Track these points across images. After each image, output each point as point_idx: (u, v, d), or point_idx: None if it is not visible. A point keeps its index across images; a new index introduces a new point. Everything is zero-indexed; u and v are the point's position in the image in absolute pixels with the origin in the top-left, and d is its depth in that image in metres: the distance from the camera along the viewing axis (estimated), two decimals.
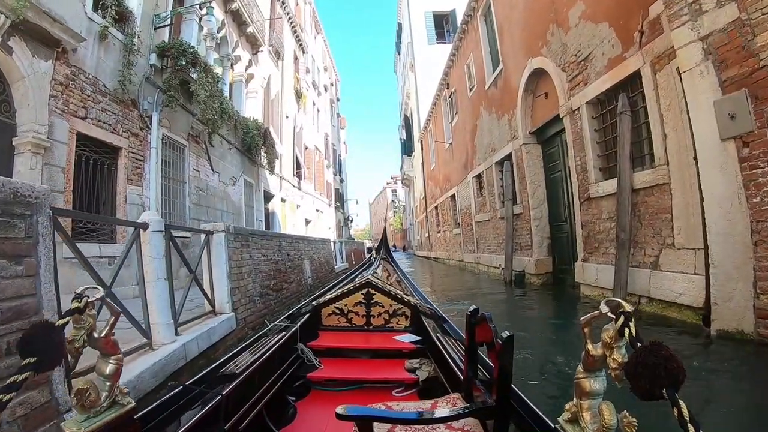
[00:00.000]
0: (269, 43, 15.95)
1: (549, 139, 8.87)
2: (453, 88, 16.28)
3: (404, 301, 3.37)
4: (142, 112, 7.97)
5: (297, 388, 2.60)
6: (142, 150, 8.02)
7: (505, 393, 1.38)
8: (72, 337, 1.09)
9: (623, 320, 0.93)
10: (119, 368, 1.20)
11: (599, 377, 1.05)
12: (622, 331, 0.93)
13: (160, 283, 3.47)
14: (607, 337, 0.97)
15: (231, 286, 4.90)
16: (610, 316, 0.97)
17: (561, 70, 7.46)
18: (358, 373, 2.67)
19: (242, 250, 5.51)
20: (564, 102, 7.39)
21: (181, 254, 4.04)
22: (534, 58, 8.42)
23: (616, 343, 0.95)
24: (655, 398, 0.80)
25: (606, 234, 6.55)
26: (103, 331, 1.18)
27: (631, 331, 0.91)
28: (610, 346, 0.96)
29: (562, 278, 8.83)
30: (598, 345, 1.01)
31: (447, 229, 19.41)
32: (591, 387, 1.05)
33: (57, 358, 1.03)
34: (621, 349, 0.95)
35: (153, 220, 3.51)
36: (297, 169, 21.32)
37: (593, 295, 6.85)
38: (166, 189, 8.87)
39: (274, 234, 8.66)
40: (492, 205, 12.14)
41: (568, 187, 8.25)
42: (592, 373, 1.05)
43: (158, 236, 3.54)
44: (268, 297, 6.46)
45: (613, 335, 0.95)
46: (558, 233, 8.89)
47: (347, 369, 2.74)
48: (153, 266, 3.47)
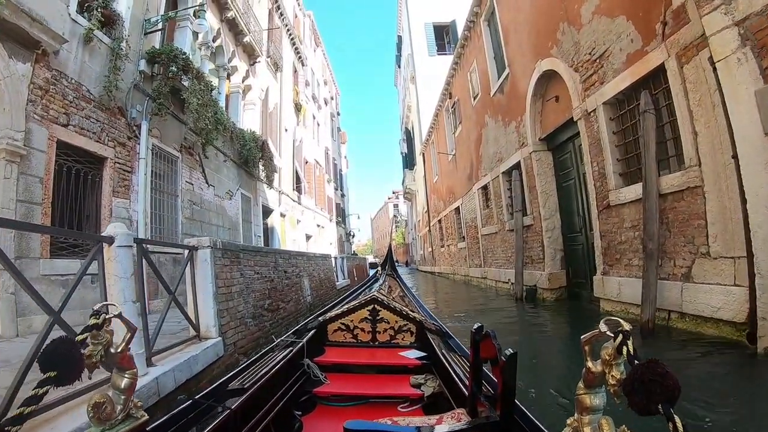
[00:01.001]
0: (267, 54, 15.63)
1: (560, 145, 8.40)
2: (456, 98, 15.90)
3: (409, 318, 3.37)
4: (130, 121, 7.53)
5: (303, 403, 2.59)
6: (129, 161, 7.56)
7: (508, 408, 1.41)
8: (90, 352, 1.14)
9: (621, 338, 0.97)
10: (134, 383, 1.25)
11: (599, 393, 1.08)
12: (620, 349, 0.96)
13: (127, 307, 2.95)
14: (606, 355, 1.00)
15: (218, 308, 4.37)
16: (609, 334, 1.01)
17: (573, 71, 7.01)
18: (363, 388, 2.66)
19: (232, 267, 4.99)
20: (578, 104, 6.93)
21: (156, 273, 3.53)
22: (543, 59, 7.99)
23: (615, 360, 0.98)
24: (652, 413, 0.84)
25: (629, 244, 6.03)
26: (119, 347, 1.23)
27: (629, 349, 0.95)
28: (609, 364, 0.99)
29: (577, 293, 8.28)
30: (597, 362, 1.05)
31: (451, 243, 18.87)
32: (591, 402, 1.08)
33: (76, 372, 1.07)
34: (620, 366, 0.98)
35: (120, 233, 3.01)
36: (297, 183, 20.88)
37: (616, 311, 6.29)
38: (157, 202, 8.38)
39: (269, 250, 8.15)
40: (499, 217, 11.63)
41: (582, 196, 7.75)
42: (592, 390, 1.08)
43: (126, 252, 3.03)
44: (262, 318, 5.92)
45: (612, 353, 0.98)
46: (572, 245, 8.36)
47: (353, 384, 2.74)
48: (119, 287, 2.96)
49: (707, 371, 3.93)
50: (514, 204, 9.86)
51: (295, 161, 20.76)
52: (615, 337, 0.99)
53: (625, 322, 1.00)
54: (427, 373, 2.80)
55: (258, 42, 14.08)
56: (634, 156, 6.00)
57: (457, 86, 15.88)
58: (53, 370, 1.01)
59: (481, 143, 12.95)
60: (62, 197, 6.22)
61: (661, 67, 5.21)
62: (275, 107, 18.02)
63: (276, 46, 17.10)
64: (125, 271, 3.01)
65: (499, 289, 11.99)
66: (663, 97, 5.44)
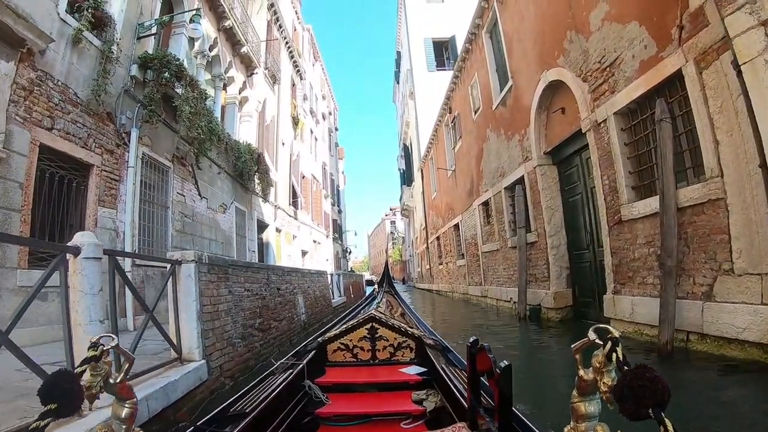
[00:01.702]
0: (265, 65, 15.45)
1: (566, 158, 8.11)
2: (456, 112, 15.71)
3: (408, 334, 3.37)
4: (119, 127, 7.21)
5: (306, 425, 2.59)
6: (118, 169, 7.22)
7: (507, 419, 1.43)
8: (89, 383, 1.15)
9: (611, 346, 0.99)
10: (134, 412, 1.26)
11: (593, 400, 1.08)
12: (610, 356, 0.98)
13: (92, 327, 2.58)
14: (596, 363, 1.02)
15: (202, 328, 3.98)
16: (599, 342, 1.02)
17: (582, 80, 6.76)
18: (366, 407, 2.65)
19: (219, 284, 4.61)
20: (587, 115, 6.66)
21: (131, 288, 3.15)
22: (549, 69, 7.76)
23: (605, 367, 1.00)
24: (642, 418, 0.84)
25: (642, 261, 5.69)
26: (118, 377, 1.23)
27: (618, 356, 0.97)
28: (600, 371, 1.01)
29: (584, 312, 7.91)
30: (589, 370, 1.06)
31: (450, 261, 18.49)
32: (586, 410, 1.09)
33: (76, 404, 1.08)
34: (610, 373, 0.99)
35: (87, 242, 2.65)
36: (293, 198, 20.57)
37: (629, 332, 5.92)
38: (146, 214, 8.02)
39: (261, 266, 7.75)
40: (501, 234, 11.29)
41: (590, 211, 7.43)
42: (585, 397, 1.09)
43: (94, 265, 2.67)
44: (252, 338, 5.51)
45: (602, 360, 1.00)
46: (579, 262, 8.02)
47: (355, 403, 2.72)
48: (84, 304, 2.59)
49: (736, 396, 3.61)
50: (517, 220, 9.53)
51: (292, 176, 20.48)
52: (604, 345, 1.01)
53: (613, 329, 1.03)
54: (429, 389, 2.79)
55: (256, 53, 13.89)
56: (648, 168, 5.70)
57: (457, 100, 15.70)
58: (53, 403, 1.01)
59: (482, 158, 12.68)
60: (44, 204, 5.86)
61: (678, 73, 4.95)
62: (272, 120, 17.80)
63: (274, 58, 16.94)
64: (92, 286, 2.64)
65: (501, 308, 11.60)
66: (678, 105, 5.17)
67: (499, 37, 10.65)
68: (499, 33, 10.62)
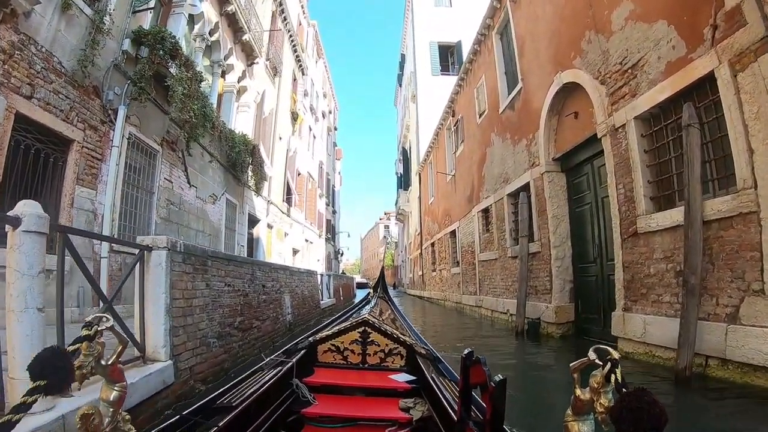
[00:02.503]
0: (267, 56, 15.02)
1: (576, 166, 7.72)
2: (459, 115, 15.33)
3: (400, 341, 3.34)
4: (105, 103, 6.74)
5: (291, 423, 2.58)
6: (101, 147, 6.74)
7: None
8: (80, 363, 1.14)
9: (610, 366, 1.00)
10: (123, 396, 1.26)
11: (587, 420, 1.09)
12: (608, 377, 1.00)
13: (27, 317, 2.12)
14: (594, 383, 1.03)
15: (172, 324, 3.51)
16: (598, 362, 1.03)
17: (599, 83, 6.37)
18: (352, 410, 2.64)
19: (195, 276, 4.15)
20: (603, 119, 6.27)
21: (85, 271, 2.69)
22: (564, 71, 7.37)
23: (603, 388, 1.01)
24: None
25: (659, 278, 5.28)
26: (110, 359, 1.24)
27: (617, 377, 0.99)
28: (598, 391, 1.02)
29: (586, 329, 7.50)
30: (586, 390, 1.07)
31: (444, 268, 18.07)
32: (579, 429, 1.10)
33: (66, 382, 1.07)
34: (608, 393, 1.01)
35: (29, 213, 2.20)
36: (287, 194, 20.09)
37: (638, 354, 5.51)
38: (129, 198, 7.54)
39: (245, 260, 7.29)
40: (501, 243, 10.89)
41: (599, 222, 7.04)
42: (580, 417, 1.10)
43: (36, 241, 2.21)
44: (231, 338, 5.04)
45: (601, 381, 1.01)
46: (584, 276, 7.61)
47: (341, 406, 2.71)
48: (20, 287, 2.14)
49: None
50: (520, 228, 9.13)
51: (288, 172, 20.02)
52: (604, 366, 1.02)
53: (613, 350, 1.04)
54: (417, 397, 2.77)
55: (258, 42, 13.46)
56: (669, 178, 5.32)
57: (461, 103, 15.33)
58: (43, 379, 1.00)
59: (484, 163, 12.30)
60: (15, 177, 5.39)
61: (709, 75, 4.56)
62: (271, 113, 17.35)
63: (276, 50, 16.52)
64: (32, 266, 2.18)
65: (496, 319, 11.17)
66: (706, 111, 4.79)
67: (510, 38, 10.29)
68: (510, 34, 10.25)
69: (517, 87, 9.74)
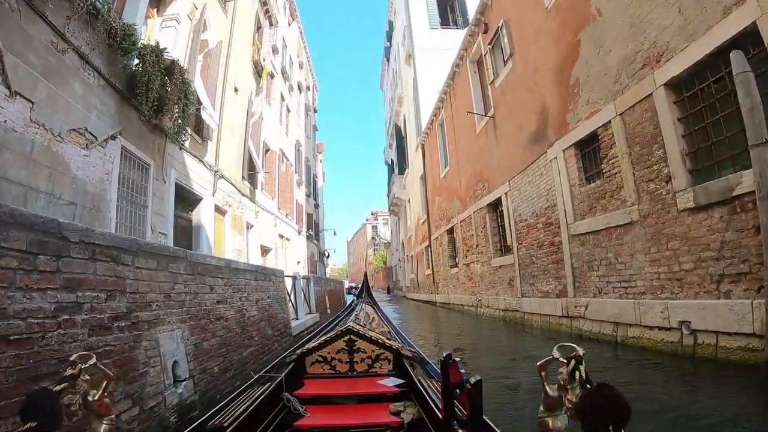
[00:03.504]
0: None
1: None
2: (500, 22, 9.95)
3: (386, 346, 3.34)
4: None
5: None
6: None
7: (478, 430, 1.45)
8: (68, 401, 1.17)
9: (574, 363, 1.05)
10: (112, 428, 1.29)
11: (560, 416, 1.13)
12: (573, 373, 1.04)
13: None
14: (561, 380, 1.07)
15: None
16: (562, 360, 1.08)
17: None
18: (344, 419, 2.61)
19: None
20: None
21: None
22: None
23: (570, 384, 1.05)
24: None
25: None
26: (96, 395, 1.25)
27: (581, 374, 1.03)
28: (565, 387, 1.07)
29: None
30: (554, 387, 1.12)
31: (475, 260, 12.61)
32: (553, 425, 1.13)
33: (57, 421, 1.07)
34: (575, 389, 1.04)
35: None
36: (250, 170, 14.49)
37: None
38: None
39: None
40: (644, 190, 5.59)
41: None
42: (552, 412, 1.14)
43: None
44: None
45: (566, 378, 1.06)
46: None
47: (333, 416, 2.69)
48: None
49: None
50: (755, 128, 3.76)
51: (250, 140, 14.43)
52: (568, 363, 1.06)
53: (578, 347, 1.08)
54: (407, 400, 2.76)
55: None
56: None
57: (503, 4, 9.97)
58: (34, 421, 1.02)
59: (576, 60, 7.01)
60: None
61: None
62: (219, 48, 11.79)
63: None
64: None
65: (628, 342, 5.91)
66: None
67: None
68: None
69: None
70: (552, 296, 7.98)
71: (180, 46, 9.44)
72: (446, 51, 18.91)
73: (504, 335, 8.94)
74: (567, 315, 7.44)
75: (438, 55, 20.40)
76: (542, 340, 7.35)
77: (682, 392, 4.13)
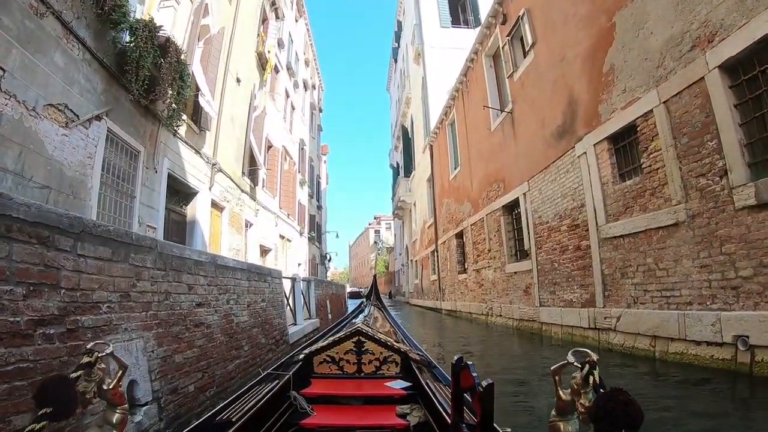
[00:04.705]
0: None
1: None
2: (521, 11, 9.27)
3: (394, 348, 3.33)
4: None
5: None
6: None
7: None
8: (83, 388, 1.19)
9: (588, 368, 1.06)
10: (125, 418, 1.31)
11: (571, 420, 1.14)
12: (587, 378, 1.05)
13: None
14: (574, 384, 1.09)
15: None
16: (576, 365, 1.10)
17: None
18: (350, 419, 2.60)
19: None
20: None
21: None
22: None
23: (583, 389, 1.07)
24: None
25: None
26: (111, 384, 1.28)
27: (595, 378, 1.04)
28: (578, 392, 1.08)
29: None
30: (567, 391, 1.13)
31: (487, 266, 11.88)
32: (564, 429, 1.14)
33: (71, 408, 1.10)
34: (588, 394, 1.05)
35: None
36: (251, 166, 13.83)
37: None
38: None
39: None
40: (697, 185, 4.90)
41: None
42: (564, 417, 1.15)
43: None
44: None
45: (580, 382, 1.07)
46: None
47: (339, 416, 2.68)
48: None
49: None
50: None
51: (251, 135, 13.79)
52: (582, 368, 1.08)
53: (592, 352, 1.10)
54: (413, 403, 2.75)
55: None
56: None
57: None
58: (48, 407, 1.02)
59: (610, 45, 6.34)
60: None
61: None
62: (220, 34, 11.19)
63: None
64: None
65: (669, 357, 5.22)
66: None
67: None
68: None
69: None
70: (576, 306, 7.25)
71: (179, 28, 8.84)
72: (457, 50, 18.32)
73: (518, 347, 8.20)
74: (594, 327, 6.71)
75: (448, 54, 19.83)
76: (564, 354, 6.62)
77: (737, 415, 3.45)
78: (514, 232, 10.33)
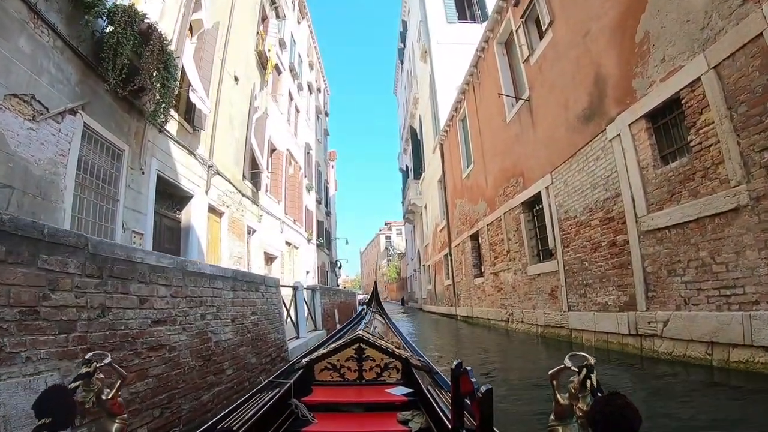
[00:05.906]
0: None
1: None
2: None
3: (395, 355, 3.30)
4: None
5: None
6: None
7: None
8: (82, 398, 1.18)
9: (585, 372, 1.05)
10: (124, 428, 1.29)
11: (570, 424, 1.12)
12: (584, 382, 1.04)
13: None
14: (572, 388, 1.08)
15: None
16: (574, 369, 1.09)
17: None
18: (351, 426, 2.62)
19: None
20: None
21: None
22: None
23: (581, 393, 1.05)
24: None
25: None
26: (110, 394, 1.26)
27: (593, 383, 1.03)
28: (576, 396, 1.07)
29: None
30: (565, 395, 1.12)
31: (505, 268, 11.05)
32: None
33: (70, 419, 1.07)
34: (586, 398, 1.04)
35: None
36: (252, 170, 13.18)
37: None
38: None
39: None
40: (763, 164, 4.08)
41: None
42: (563, 421, 1.13)
43: None
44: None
45: (577, 386, 1.06)
46: None
47: (341, 423, 2.67)
48: None
49: None
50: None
51: (252, 137, 13.15)
52: (579, 372, 1.07)
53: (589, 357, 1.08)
54: (414, 410, 2.71)
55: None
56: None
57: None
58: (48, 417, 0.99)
59: (645, 8, 5.55)
60: None
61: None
62: (215, 29, 10.58)
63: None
64: None
65: (731, 366, 4.42)
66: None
67: None
68: None
69: None
70: (613, 309, 6.41)
71: (167, 20, 8.21)
72: (464, 46, 17.62)
73: (545, 357, 7.36)
74: (635, 333, 5.86)
75: (456, 50, 19.15)
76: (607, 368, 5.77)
77: None
78: (536, 230, 9.49)
